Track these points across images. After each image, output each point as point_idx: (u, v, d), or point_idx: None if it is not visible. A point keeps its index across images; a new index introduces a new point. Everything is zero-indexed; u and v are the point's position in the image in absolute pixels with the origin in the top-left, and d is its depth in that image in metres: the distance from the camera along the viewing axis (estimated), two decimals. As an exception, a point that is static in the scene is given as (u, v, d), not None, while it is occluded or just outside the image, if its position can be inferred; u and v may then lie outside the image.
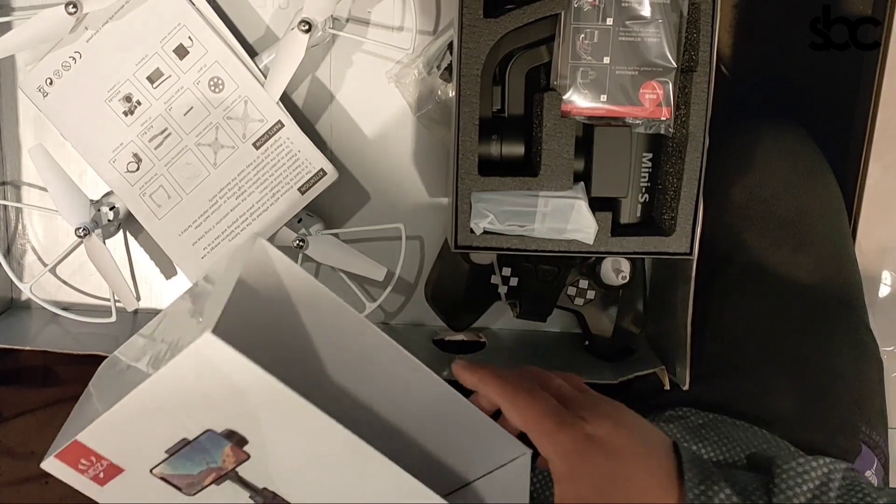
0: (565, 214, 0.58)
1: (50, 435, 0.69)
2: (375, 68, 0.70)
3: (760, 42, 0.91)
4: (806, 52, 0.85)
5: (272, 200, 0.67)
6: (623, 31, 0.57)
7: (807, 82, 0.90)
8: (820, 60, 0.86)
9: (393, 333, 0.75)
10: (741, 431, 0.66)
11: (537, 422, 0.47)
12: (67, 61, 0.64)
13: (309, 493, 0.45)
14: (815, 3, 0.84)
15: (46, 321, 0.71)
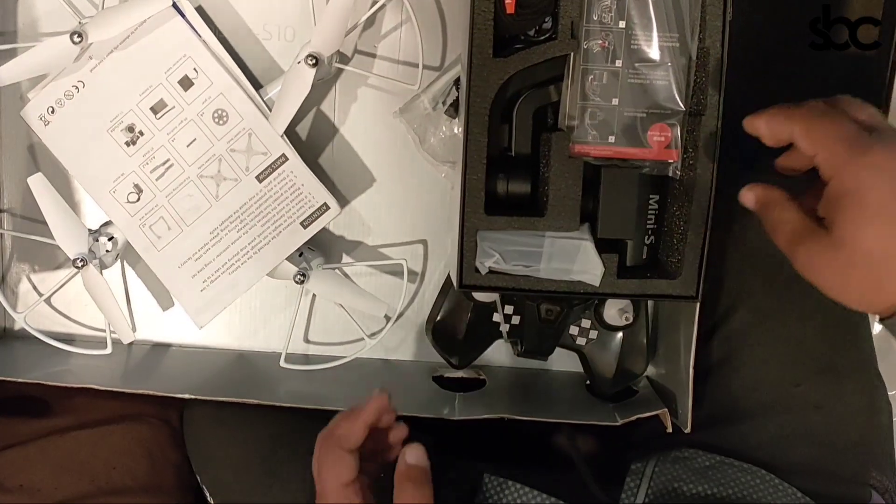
0: (571, 255, 0.57)
1: (41, 468, 0.68)
2: (380, 103, 0.70)
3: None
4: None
5: (274, 234, 0.66)
6: (632, 73, 0.56)
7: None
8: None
9: (393, 369, 0.74)
10: (749, 476, 0.65)
11: (829, 145, 0.45)
12: (70, 90, 0.64)
13: None
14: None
15: (40, 351, 0.70)
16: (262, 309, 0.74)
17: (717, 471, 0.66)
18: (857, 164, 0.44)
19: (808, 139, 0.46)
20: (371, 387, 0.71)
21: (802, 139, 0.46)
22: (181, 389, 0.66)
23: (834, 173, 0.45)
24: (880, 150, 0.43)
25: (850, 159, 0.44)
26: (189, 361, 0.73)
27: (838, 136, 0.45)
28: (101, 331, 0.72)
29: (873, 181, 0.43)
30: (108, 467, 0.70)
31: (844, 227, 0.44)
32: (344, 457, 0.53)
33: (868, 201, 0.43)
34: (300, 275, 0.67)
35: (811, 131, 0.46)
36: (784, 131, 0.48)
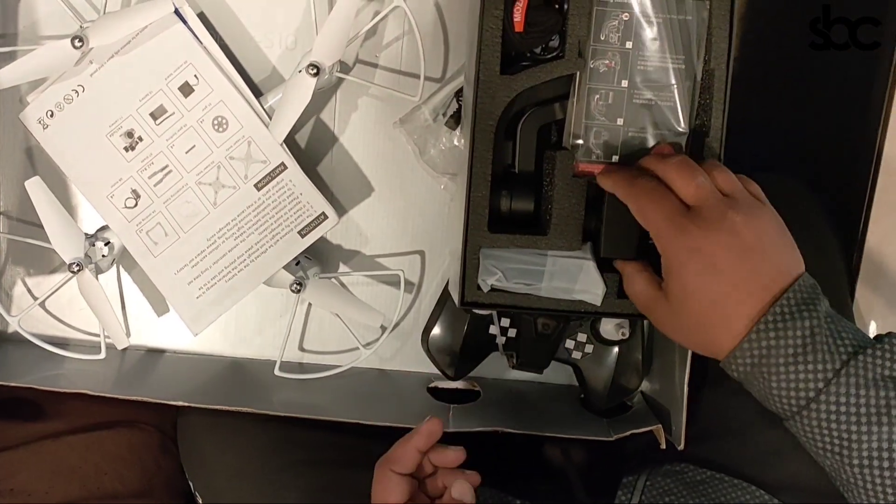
0: (573, 275, 0.57)
1: (32, 472, 0.68)
2: (381, 113, 0.70)
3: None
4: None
5: (271, 242, 0.66)
6: (637, 94, 0.57)
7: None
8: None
9: (387, 379, 0.74)
10: (739, 491, 0.66)
11: (655, 225, 0.51)
12: (70, 94, 0.63)
13: None
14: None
15: (33, 355, 0.69)
16: (257, 317, 0.73)
17: (707, 485, 0.66)
18: (677, 244, 0.50)
19: (640, 217, 0.52)
20: (365, 397, 0.71)
21: (637, 216, 0.52)
22: (175, 396, 0.66)
23: (661, 250, 0.51)
24: (695, 232, 0.49)
25: (671, 240, 0.50)
26: (183, 368, 0.72)
27: (662, 217, 0.50)
28: (95, 336, 0.72)
29: (688, 261, 0.50)
30: (100, 472, 0.69)
31: (672, 296, 0.51)
32: (394, 479, 0.54)
33: (685, 278, 0.50)
34: (296, 284, 0.67)
35: (641, 212, 0.52)
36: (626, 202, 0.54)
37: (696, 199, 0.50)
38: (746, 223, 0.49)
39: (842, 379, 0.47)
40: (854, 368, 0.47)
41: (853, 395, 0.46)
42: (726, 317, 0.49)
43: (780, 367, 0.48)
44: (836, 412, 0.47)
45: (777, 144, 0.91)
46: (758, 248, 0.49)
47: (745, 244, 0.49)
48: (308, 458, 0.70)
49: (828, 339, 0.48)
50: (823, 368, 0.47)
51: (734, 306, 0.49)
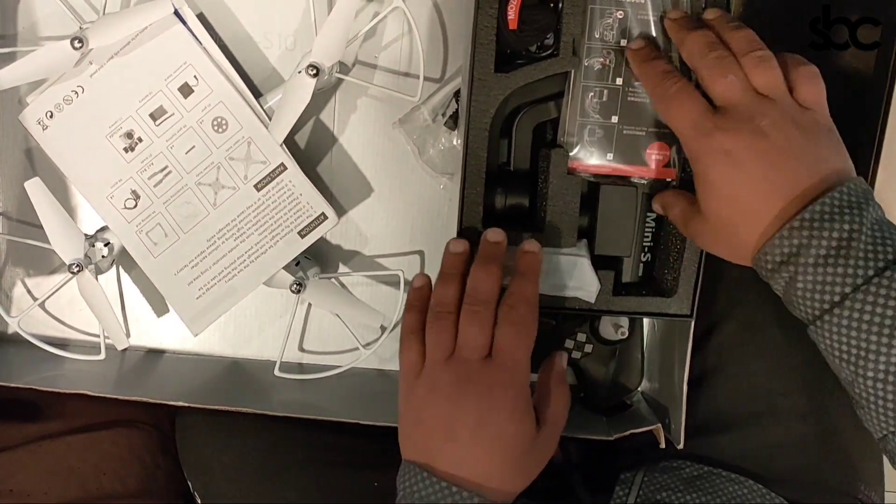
0: (568, 272, 0.58)
1: (31, 472, 0.68)
2: (380, 113, 0.70)
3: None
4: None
5: (271, 243, 0.66)
6: (632, 92, 0.57)
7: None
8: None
9: (387, 380, 0.74)
10: (736, 485, 0.65)
11: (680, 130, 0.51)
12: (69, 95, 0.64)
13: None
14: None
15: (33, 356, 0.70)
16: (257, 317, 0.73)
17: (705, 480, 0.66)
18: (702, 148, 0.50)
19: (669, 122, 0.52)
20: (365, 397, 0.71)
21: (664, 118, 0.53)
22: (174, 396, 0.66)
23: (689, 156, 0.51)
24: (719, 136, 0.49)
25: (696, 145, 0.50)
26: (183, 368, 0.72)
27: (688, 123, 0.50)
28: (94, 336, 0.72)
29: (714, 163, 0.49)
30: (99, 473, 0.69)
31: (702, 203, 0.51)
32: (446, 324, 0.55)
33: (711, 180, 0.50)
34: (296, 284, 0.67)
35: (667, 115, 0.52)
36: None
37: (724, 100, 0.50)
38: (776, 126, 0.48)
39: (871, 287, 0.44)
40: (888, 280, 0.44)
41: (880, 305, 0.44)
42: (756, 216, 0.48)
43: (808, 266, 0.46)
44: (857, 320, 0.44)
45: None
46: (790, 151, 0.48)
47: (774, 146, 0.48)
48: (308, 459, 0.70)
49: (867, 245, 0.45)
50: (854, 273, 0.45)
51: (763, 205, 0.48)
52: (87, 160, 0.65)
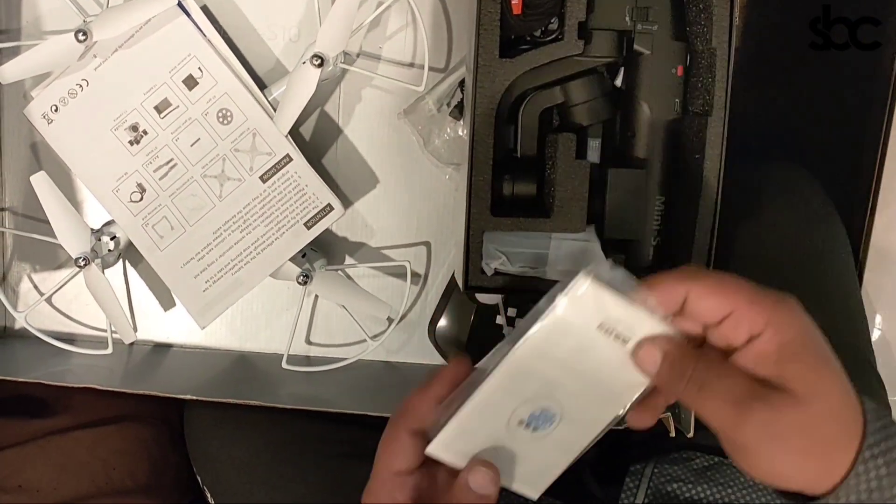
0: (577, 257, 0.57)
1: (40, 468, 0.68)
2: (385, 104, 0.70)
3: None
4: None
5: (277, 235, 0.66)
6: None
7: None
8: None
9: (395, 371, 0.74)
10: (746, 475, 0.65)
11: (749, 296, 0.40)
12: (74, 88, 0.63)
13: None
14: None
15: (40, 351, 0.70)
16: (264, 310, 0.73)
17: (715, 471, 0.66)
18: (790, 309, 0.40)
19: (720, 294, 0.40)
20: (373, 389, 0.71)
21: (711, 296, 0.41)
22: (182, 390, 0.66)
23: (765, 324, 0.40)
24: (793, 299, 0.41)
25: (780, 307, 0.40)
26: (190, 362, 0.72)
27: (751, 287, 0.41)
28: (102, 331, 0.72)
29: (813, 326, 0.41)
30: (108, 468, 0.69)
31: (808, 379, 0.39)
32: (402, 439, 0.44)
33: (818, 344, 0.40)
34: (303, 276, 0.66)
35: (721, 286, 0.41)
36: (678, 292, 0.41)
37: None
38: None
39: None
40: None
41: None
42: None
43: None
44: None
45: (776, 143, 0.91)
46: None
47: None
48: (316, 451, 0.70)
49: None
50: None
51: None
52: (92, 154, 0.65)
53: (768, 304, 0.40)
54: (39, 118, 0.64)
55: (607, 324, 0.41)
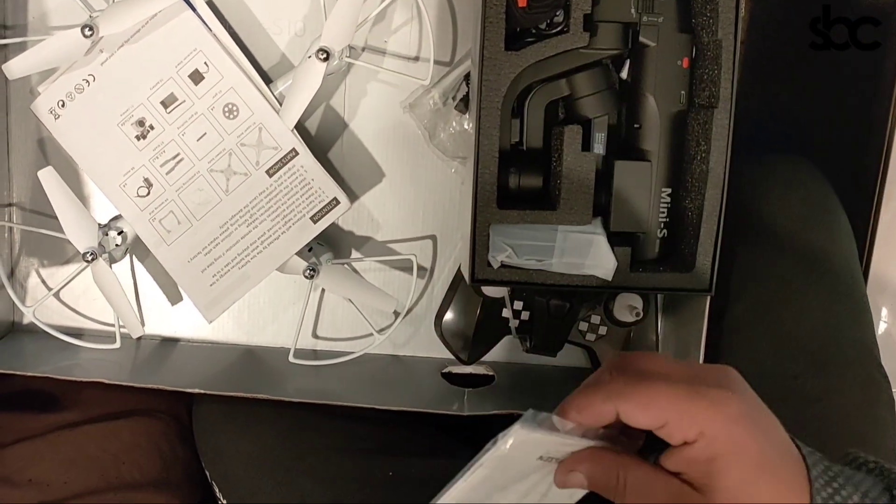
0: (584, 250, 0.57)
1: (50, 462, 0.68)
2: (390, 98, 0.70)
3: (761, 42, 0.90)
4: (806, 52, 0.85)
5: (284, 229, 0.66)
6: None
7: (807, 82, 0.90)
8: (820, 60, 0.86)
9: (401, 365, 0.74)
10: None
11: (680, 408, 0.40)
12: (81, 84, 0.64)
13: None
14: (815, 3, 0.85)
15: (49, 346, 0.70)
16: (270, 304, 0.73)
17: None
18: (724, 418, 0.40)
19: (650, 409, 0.41)
20: (380, 383, 0.71)
21: (641, 412, 0.41)
22: (190, 384, 0.66)
23: (698, 435, 0.40)
24: (736, 399, 0.41)
25: (713, 416, 0.40)
26: (198, 356, 0.73)
27: (682, 395, 0.40)
28: (109, 325, 0.72)
29: (749, 433, 0.41)
30: (118, 462, 0.69)
31: (730, 488, 0.40)
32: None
33: (751, 455, 0.40)
34: (310, 270, 0.67)
35: (649, 401, 0.41)
36: (607, 412, 0.42)
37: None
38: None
39: None
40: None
41: None
42: None
43: None
44: None
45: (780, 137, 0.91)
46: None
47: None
48: (323, 446, 0.70)
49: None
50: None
51: None
52: (99, 149, 0.65)
53: (701, 416, 0.40)
54: (46, 113, 0.64)
55: (545, 455, 0.42)
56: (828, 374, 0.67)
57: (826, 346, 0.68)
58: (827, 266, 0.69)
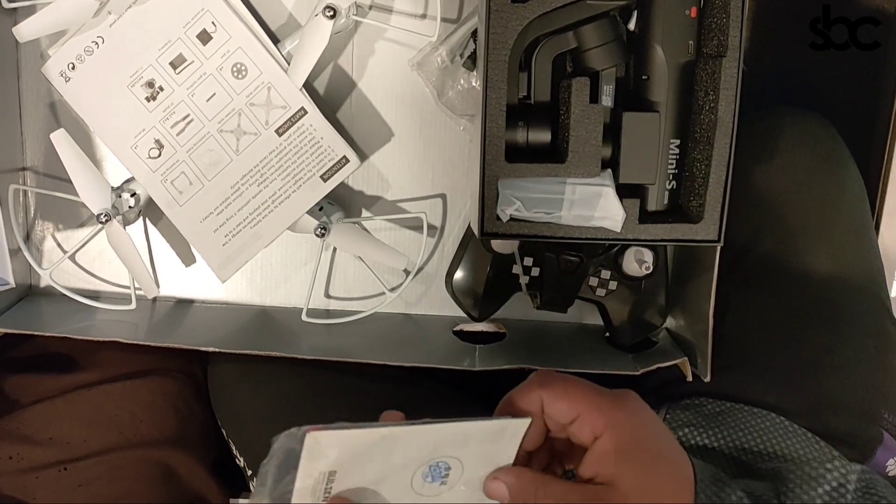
0: (592, 202, 0.57)
1: (70, 421, 0.69)
2: (398, 56, 0.70)
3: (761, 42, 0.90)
4: (806, 52, 0.85)
5: (294, 188, 0.67)
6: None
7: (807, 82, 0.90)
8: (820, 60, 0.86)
9: (413, 323, 0.75)
10: (758, 419, 0.66)
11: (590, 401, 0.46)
12: (90, 46, 0.64)
13: None
14: (815, 3, 0.84)
15: (65, 308, 0.71)
16: (282, 265, 0.74)
17: (727, 416, 0.66)
18: (627, 411, 0.46)
19: (566, 398, 0.46)
20: (392, 341, 0.72)
21: (559, 401, 0.46)
22: (205, 344, 0.67)
23: (605, 427, 0.45)
24: (635, 400, 0.47)
25: (617, 409, 0.46)
26: (212, 317, 0.73)
27: (593, 391, 0.47)
28: (125, 287, 0.73)
29: (647, 426, 0.46)
30: (136, 420, 0.71)
31: (630, 477, 0.44)
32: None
33: (649, 443, 0.46)
34: (321, 228, 0.67)
35: (566, 391, 0.46)
36: (534, 399, 0.47)
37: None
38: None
39: None
40: None
41: None
42: None
43: None
44: None
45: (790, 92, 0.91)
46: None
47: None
48: (338, 404, 0.71)
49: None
50: None
51: None
52: (110, 111, 0.65)
53: (606, 407, 0.46)
54: (57, 76, 0.64)
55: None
56: (837, 324, 0.67)
57: (836, 298, 0.68)
58: (837, 217, 0.69)
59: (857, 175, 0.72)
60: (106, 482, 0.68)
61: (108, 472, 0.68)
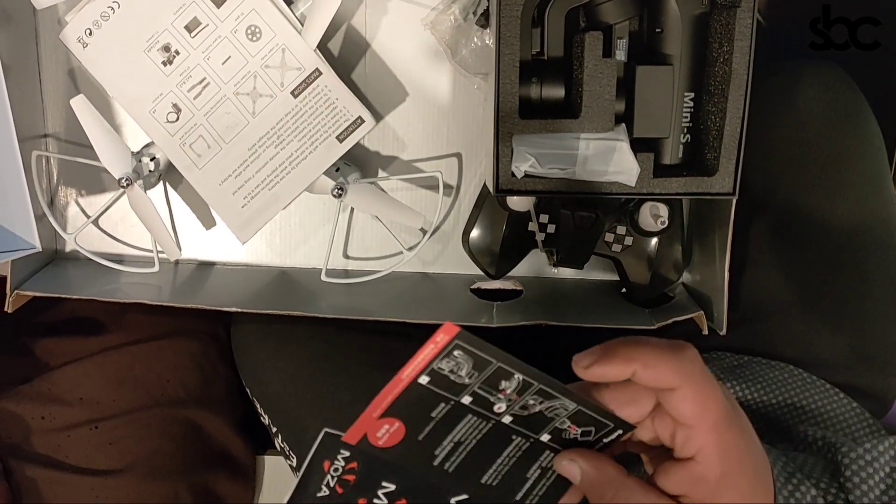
0: (607, 156, 0.58)
1: (98, 381, 0.71)
2: (411, 15, 0.70)
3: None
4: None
5: (311, 149, 0.67)
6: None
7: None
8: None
9: (431, 282, 0.76)
10: (777, 371, 0.66)
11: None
12: (106, 11, 0.64)
13: None
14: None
15: (90, 272, 0.72)
16: (301, 226, 0.75)
17: (745, 369, 0.67)
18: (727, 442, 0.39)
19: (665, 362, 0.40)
20: (410, 300, 0.73)
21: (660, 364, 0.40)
22: (227, 304, 0.68)
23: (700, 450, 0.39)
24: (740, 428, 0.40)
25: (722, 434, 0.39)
26: (233, 279, 0.75)
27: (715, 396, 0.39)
28: (147, 251, 0.74)
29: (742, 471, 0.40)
30: (162, 380, 0.73)
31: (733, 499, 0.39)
32: None
33: (748, 465, 0.40)
34: (338, 189, 0.68)
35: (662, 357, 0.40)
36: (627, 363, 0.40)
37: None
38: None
39: None
40: None
41: None
42: None
43: None
44: None
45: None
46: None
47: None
48: (359, 362, 0.73)
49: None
50: None
51: None
52: (127, 76, 0.66)
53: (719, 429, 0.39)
54: (75, 42, 0.65)
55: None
56: (855, 277, 0.67)
57: (856, 250, 0.68)
58: (854, 169, 0.69)
59: (876, 128, 0.72)
60: (135, 440, 0.70)
61: (137, 431, 0.70)
